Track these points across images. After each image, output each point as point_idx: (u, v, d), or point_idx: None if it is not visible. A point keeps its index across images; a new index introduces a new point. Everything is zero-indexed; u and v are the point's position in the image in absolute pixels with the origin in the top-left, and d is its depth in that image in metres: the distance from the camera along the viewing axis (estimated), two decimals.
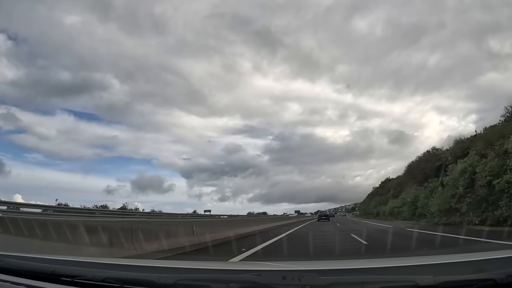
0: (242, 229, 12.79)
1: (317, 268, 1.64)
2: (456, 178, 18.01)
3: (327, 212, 48.67)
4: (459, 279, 1.27)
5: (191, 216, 32.71)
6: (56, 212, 17.41)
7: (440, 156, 28.14)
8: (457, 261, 1.72)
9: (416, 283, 1.23)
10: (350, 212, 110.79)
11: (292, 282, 1.33)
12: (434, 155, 31.20)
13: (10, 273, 1.65)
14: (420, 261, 1.85)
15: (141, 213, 29.30)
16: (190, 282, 1.44)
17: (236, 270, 1.85)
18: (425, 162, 31.18)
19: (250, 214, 56.50)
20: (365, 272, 1.59)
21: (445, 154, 26.80)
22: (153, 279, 1.40)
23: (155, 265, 2.07)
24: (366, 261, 2.96)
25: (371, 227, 18.98)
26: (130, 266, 1.87)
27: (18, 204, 16.69)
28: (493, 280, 1.22)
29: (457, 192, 17.60)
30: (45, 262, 1.79)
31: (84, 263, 1.93)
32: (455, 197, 17.57)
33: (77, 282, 1.50)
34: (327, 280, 1.32)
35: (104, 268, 1.70)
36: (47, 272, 1.59)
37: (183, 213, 34.33)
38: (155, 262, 3.02)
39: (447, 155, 25.20)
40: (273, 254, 7.54)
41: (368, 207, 57.63)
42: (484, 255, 1.73)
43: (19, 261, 1.80)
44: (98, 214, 21.05)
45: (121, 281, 1.44)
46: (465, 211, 16.35)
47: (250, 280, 1.37)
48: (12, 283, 1.55)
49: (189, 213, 39.10)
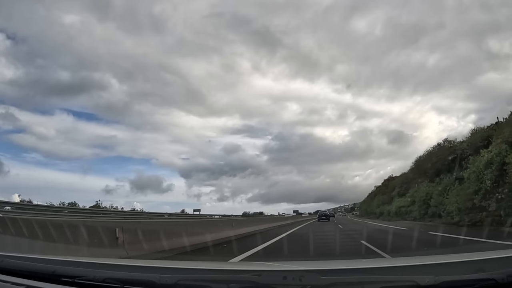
0: (220, 233, 10.29)
1: (318, 268, 1.64)
2: (479, 171, 15.61)
3: (327, 212, 48.76)
4: (459, 279, 1.27)
5: (177, 216, 30.63)
6: (16, 209, 14.80)
7: (455, 148, 25.34)
8: (457, 260, 1.72)
9: (416, 283, 1.23)
10: (349, 212, 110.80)
11: (292, 282, 1.34)
12: (446, 148, 28.10)
13: (11, 273, 1.65)
14: (421, 261, 1.85)
15: (118, 211, 26.19)
16: (190, 282, 1.45)
17: (237, 270, 1.85)
18: (436, 156, 28.55)
19: (246, 214, 54.82)
20: (365, 272, 1.59)
21: (460, 145, 24.09)
22: (154, 280, 1.41)
23: (155, 265, 2.07)
24: (367, 261, 2.97)
25: (382, 230, 16.14)
26: (130, 266, 1.87)
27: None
28: (493, 280, 1.22)
29: (481, 187, 15.07)
30: (46, 262, 1.79)
31: (85, 264, 1.93)
32: (479, 193, 15.10)
33: (78, 282, 1.50)
34: (327, 280, 1.32)
35: (104, 268, 1.70)
36: (48, 272, 1.59)
37: (170, 212, 32.16)
38: (156, 262, 3.02)
39: (463, 147, 22.75)
40: None
41: (370, 206, 56.16)
42: (485, 254, 1.73)
43: (19, 261, 1.80)
44: (67, 213, 19.39)
45: (122, 281, 1.45)
46: (493, 209, 13.98)
47: (250, 280, 1.37)
48: (12, 283, 1.55)
49: (177, 212, 37.35)
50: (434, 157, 28.91)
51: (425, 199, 23.72)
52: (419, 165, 33.25)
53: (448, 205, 18.62)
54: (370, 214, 51.71)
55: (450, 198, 18.50)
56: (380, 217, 39.63)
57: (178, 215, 32.81)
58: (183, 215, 33.85)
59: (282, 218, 37.65)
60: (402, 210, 30.41)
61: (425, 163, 30.94)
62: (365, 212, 62.28)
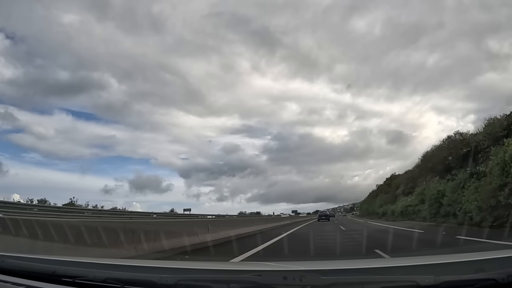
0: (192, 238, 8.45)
1: (318, 268, 1.64)
2: (504, 163, 13.98)
3: (327, 212, 48.80)
4: (460, 279, 1.27)
5: (165, 215, 28.81)
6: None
7: (468, 141, 23.28)
8: (457, 260, 1.72)
9: (416, 283, 1.23)
10: (348, 212, 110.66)
11: (293, 282, 1.34)
12: (458, 141, 25.81)
13: (11, 273, 1.65)
14: (421, 261, 1.85)
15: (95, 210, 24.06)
16: (190, 283, 1.45)
17: (237, 270, 1.85)
18: (447, 149, 26.26)
19: (242, 214, 54.13)
20: (365, 272, 1.59)
21: (474, 138, 22.35)
22: (154, 280, 1.41)
23: (155, 265, 2.07)
24: (367, 261, 2.97)
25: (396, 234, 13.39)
26: (131, 266, 1.87)
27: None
28: (494, 280, 1.22)
29: (508, 181, 13.43)
30: (46, 262, 1.79)
31: (85, 264, 1.93)
32: (506, 189, 13.46)
33: (78, 282, 1.50)
34: (328, 280, 1.32)
35: (105, 268, 1.70)
36: (48, 272, 1.60)
37: (159, 212, 30.37)
38: (156, 262, 3.02)
39: (478, 139, 21.06)
40: None
41: (372, 206, 54.69)
42: (485, 254, 1.73)
43: (19, 261, 1.81)
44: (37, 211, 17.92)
45: (122, 281, 1.45)
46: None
47: (250, 280, 1.37)
48: (12, 283, 1.55)
49: (166, 212, 35.32)
50: (444, 151, 26.65)
51: (437, 197, 21.65)
52: (427, 161, 31.21)
53: (465, 203, 16.86)
54: (371, 214, 50.77)
55: (468, 196, 16.77)
56: (383, 217, 38.31)
57: (167, 214, 31.08)
58: (172, 215, 32.55)
59: (277, 218, 34.69)
60: (409, 210, 28.75)
61: (433, 159, 28.84)
62: (366, 212, 61.18)
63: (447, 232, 12.86)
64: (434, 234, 11.93)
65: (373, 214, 49.33)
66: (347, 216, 74.35)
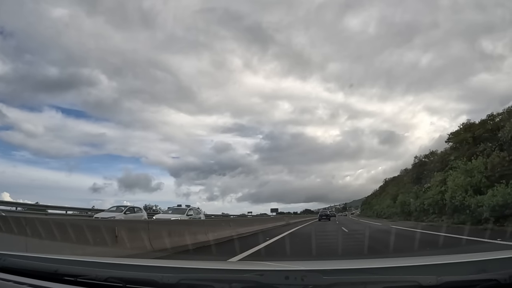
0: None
1: (320, 268, 1.64)
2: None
3: (327, 212, 48.80)
4: (461, 279, 1.27)
5: None
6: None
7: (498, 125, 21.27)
8: (459, 261, 1.72)
9: (418, 283, 1.23)
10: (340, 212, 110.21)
11: (294, 282, 1.34)
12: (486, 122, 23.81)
13: (13, 272, 1.66)
14: (423, 261, 1.85)
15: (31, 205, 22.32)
16: (192, 282, 1.45)
17: (239, 270, 1.85)
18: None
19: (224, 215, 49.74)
20: (367, 272, 1.59)
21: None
22: (156, 279, 1.41)
23: (157, 264, 2.07)
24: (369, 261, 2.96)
25: None
26: (132, 265, 1.88)
27: None
28: (496, 281, 1.22)
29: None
30: (48, 261, 1.80)
31: (87, 263, 1.93)
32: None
33: (80, 281, 1.51)
34: (329, 280, 1.32)
35: (107, 267, 1.70)
36: (50, 271, 1.60)
37: None
38: (158, 261, 3.02)
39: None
40: None
41: (380, 205, 51.63)
42: (487, 255, 1.72)
43: (21, 260, 1.81)
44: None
45: (124, 280, 1.45)
46: None
47: (252, 280, 1.38)
48: (15, 282, 1.56)
49: None
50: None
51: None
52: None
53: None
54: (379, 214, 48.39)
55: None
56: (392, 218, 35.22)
57: None
58: None
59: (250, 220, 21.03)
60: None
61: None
62: (373, 213, 57.12)
63: None
64: None
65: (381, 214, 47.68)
66: (348, 216, 74.08)
